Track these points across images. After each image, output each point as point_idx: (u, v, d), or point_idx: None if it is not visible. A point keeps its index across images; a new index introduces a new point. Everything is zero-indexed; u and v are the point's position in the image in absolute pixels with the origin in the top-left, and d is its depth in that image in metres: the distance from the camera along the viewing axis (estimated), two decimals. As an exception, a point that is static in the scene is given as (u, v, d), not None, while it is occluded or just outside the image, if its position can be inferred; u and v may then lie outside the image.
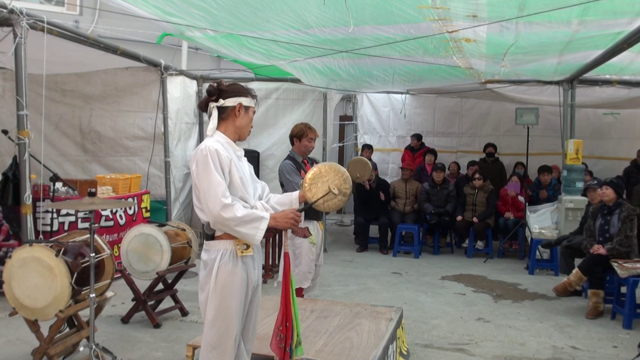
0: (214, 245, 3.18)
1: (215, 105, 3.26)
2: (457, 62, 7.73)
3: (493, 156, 11.13)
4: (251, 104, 3.34)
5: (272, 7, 5.74)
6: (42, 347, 4.55)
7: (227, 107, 3.26)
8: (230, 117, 3.28)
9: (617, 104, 10.44)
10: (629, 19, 5.74)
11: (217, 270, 3.12)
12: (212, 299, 3.14)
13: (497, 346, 5.59)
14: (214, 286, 3.12)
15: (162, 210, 9.43)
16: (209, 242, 3.21)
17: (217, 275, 3.12)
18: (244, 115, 3.30)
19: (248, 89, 3.37)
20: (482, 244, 10.15)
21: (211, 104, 3.28)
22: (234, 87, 3.31)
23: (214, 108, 3.27)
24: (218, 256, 3.14)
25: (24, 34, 5.92)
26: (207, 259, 3.19)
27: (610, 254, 6.63)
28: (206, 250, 3.22)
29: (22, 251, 4.50)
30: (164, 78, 9.26)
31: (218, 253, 3.15)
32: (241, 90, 3.32)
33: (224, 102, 3.24)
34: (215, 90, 3.27)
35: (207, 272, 3.17)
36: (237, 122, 3.29)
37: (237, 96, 3.27)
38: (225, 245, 3.16)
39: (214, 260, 3.14)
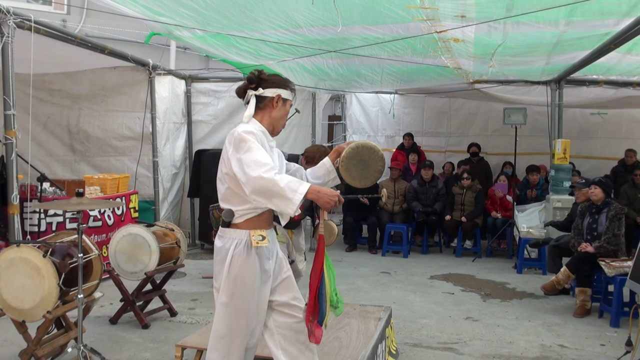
0: (228, 233, 3.15)
1: (254, 94, 3.22)
2: (446, 62, 7.76)
3: (477, 155, 11.18)
4: (289, 97, 3.32)
5: (260, 6, 5.74)
6: (29, 348, 4.51)
7: (265, 96, 3.23)
8: (267, 108, 3.24)
9: (604, 104, 10.53)
10: (616, 19, 5.79)
11: (230, 260, 3.09)
12: (224, 288, 3.12)
13: (485, 345, 5.61)
14: (227, 275, 3.10)
15: (151, 210, 9.39)
16: (225, 229, 3.16)
17: (231, 264, 3.09)
18: (281, 107, 3.27)
19: (288, 81, 3.34)
20: (471, 244, 10.19)
21: (249, 92, 3.24)
22: (274, 78, 3.29)
23: (252, 96, 3.23)
24: (232, 245, 3.11)
25: (11, 33, 5.88)
26: (220, 247, 3.16)
27: (598, 252, 6.67)
28: (220, 237, 3.18)
29: (9, 252, 4.47)
30: (152, 78, 9.22)
31: (232, 242, 3.11)
32: (281, 82, 3.29)
33: (263, 91, 3.21)
34: (256, 78, 3.23)
35: (220, 260, 3.15)
36: (274, 114, 3.25)
37: (277, 87, 3.24)
38: (240, 235, 3.12)
39: (228, 249, 3.11)
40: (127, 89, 9.27)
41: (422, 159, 11.25)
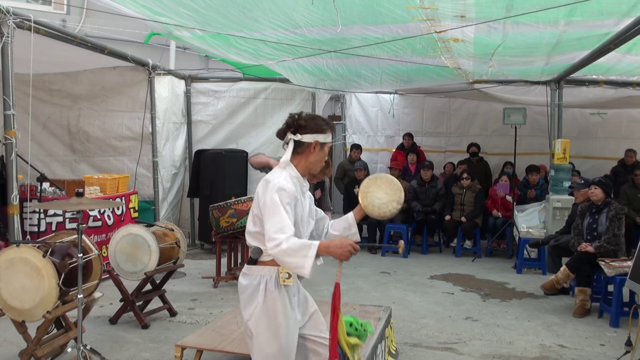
0: (256, 270, 3.15)
1: (292, 139, 3.19)
2: (445, 62, 7.76)
3: (477, 155, 11.18)
4: (328, 139, 3.26)
5: (260, 6, 5.73)
6: (29, 348, 4.51)
7: (303, 142, 3.19)
8: (305, 153, 3.21)
9: (604, 104, 10.52)
10: (616, 19, 5.78)
11: (264, 295, 3.09)
12: (259, 324, 3.11)
13: (485, 345, 5.61)
14: (262, 310, 3.09)
15: (150, 210, 9.40)
16: (251, 267, 3.16)
17: (265, 299, 3.09)
18: (318, 152, 3.23)
19: (327, 123, 3.28)
20: (471, 244, 10.19)
21: (289, 135, 3.21)
22: (312, 123, 3.21)
23: (290, 140, 3.20)
24: (262, 282, 3.10)
25: (10, 33, 5.89)
26: (247, 284, 3.15)
27: (598, 252, 6.67)
28: (246, 275, 3.18)
29: (9, 252, 4.47)
30: (151, 78, 9.23)
31: (262, 279, 3.11)
32: (320, 127, 3.22)
33: (302, 137, 3.17)
34: (294, 123, 3.20)
35: (250, 297, 3.14)
36: (311, 158, 3.22)
37: (315, 132, 3.19)
38: (269, 272, 3.11)
39: (258, 285, 3.11)
40: (126, 89, 9.28)
41: (422, 159, 11.25)
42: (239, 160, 10.15)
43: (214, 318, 5.96)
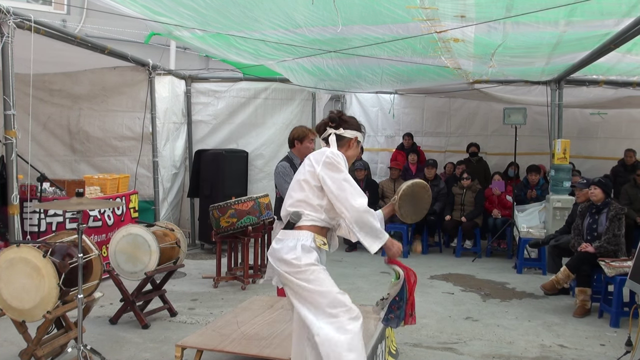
0: (291, 234, 3.31)
1: (334, 132, 3.49)
2: (446, 62, 7.76)
3: (476, 156, 11.18)
4: (362, 139, 3.63)
5: (260, 6, 5.74)
6: (29, 348, 4.51)
7: (344, 137, 3.50)
8: (344, 147, 3.51)
9: (604, 104, 10.52)
10: (616, 19, 5.78)
11: (301, 250, 3.24)
12: (304, 274, 3.25)
13: (485, 345, 5.61)
14: (304, 262, 3.24)
15: (151, 210, 9.40)
16: (287, 231, 3.33)
17: (302, 254, 3.24)
18: (355, 148, 3.57)
19: (361, 125, 3.65)
20: (471, 244, 10.19)
21: (330, 129, 3.51)
22: (353, 121, 3.59)
23: (332, 134, 3.50)
24: (299, 241, 3.26)
25: (10, 33, 5.89)
26: (281, 247, 3.29)
27: (598, 252, 6.67)
28: (279, 240, 3.32)
29: (9, 252, 4.47)
30: (151, 78, 9.23)
31: (298, 241, 3.27)
32: (358, 126, 3.60)
33: (344, 132, 3.50)
34: (338, 118, 3.51)
35: (289, 251, 3.26)
36: (349, 152, 3.52)
37: (355, 130, 3.55)
38: (306, 235, 3.30)
39: (293, 247, 3.25)
40: (127, 89, 9.28)
41: (422, 159, 11.25)
42: (239, 160, 10.15)
43: (214, 318, 5.96)
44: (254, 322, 4.72)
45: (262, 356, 4.09)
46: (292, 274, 3.24)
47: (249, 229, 7.38)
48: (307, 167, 3.38)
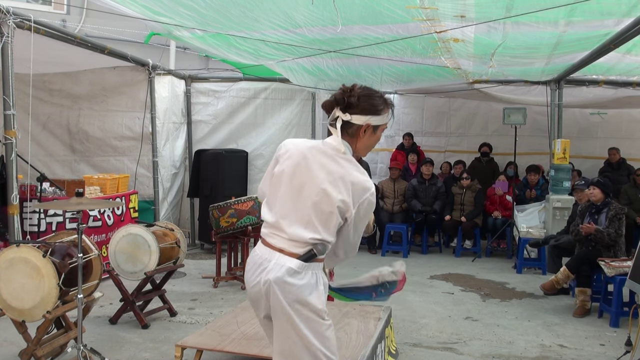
0: (312, 267, 2.69)
1: (342, 118, 2.73)
2: (445, 63, 7.76)
3: (488, 156, 11.16)
4: (383, 121, 2.79)
5: (260, 6, 5.74)
6: (29, 348, 4.51)
7: (353, 124, 2.74)
8: (355, 136, 2.77)
9: (604, 104, 10.52)
10: (616, 19, 5.78)
11: (323, 285, 2.73)
12: (325, 312, 2.73)
13: (485, 345, 5.61)
14: (324, 298, 2.74)
15: (150, 210, 9.40)
16: (307, 264, 2.67)
17: (324, 289, 2.76)
18: (369, 136, 2.79)
19: (385, 101, 2.80)
20: (471, 243, 10.19)
21: (337, 112, 2.75)
22: (366, 103, 2.73)
23: (339, 120, 2.74)
24: (316, 275, 2.70)
25: (10, 33, 5.89)
26: (304, 283, 2.66)
27: (599, 236, 6.66)
28: (297, 273, 2.64)
29: (9, 252, 4.47)
30: (151, 78, 9.23)
31: (315, 275, 2.70)
32: (375, 107, 2.75)
33: (351, 117, 2.72)
34: (343, 100, 2.72)
35: (311, 287, 2.68)
36: (359, 144, 2.79)
37: (368, 114, 2.72)
38: (320, 266, 2.75)
39: (317, 281, 2.70)
40: (126, 89, 9.28)
41: (422, 159, 11.24)
42: (239, 160, 10.15)
43: (214, 318, 5.96)
44: (254, 322, 4.72)
45: (262, 356, 4.09)
46: (313, 322, 2.66)
47: (249, 228, 7.38)
48: (336, 195, 2.65)
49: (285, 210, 2.74)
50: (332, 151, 2.74)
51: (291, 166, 2.75)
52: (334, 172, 2.69)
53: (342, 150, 2.72)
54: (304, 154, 2.76)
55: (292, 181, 2.74)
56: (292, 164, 2.75)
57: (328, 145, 2.76)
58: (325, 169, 2.70)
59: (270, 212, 2.80)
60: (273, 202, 2.80)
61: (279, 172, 2.79)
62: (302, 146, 2.81)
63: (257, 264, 2.74)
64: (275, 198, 2.79)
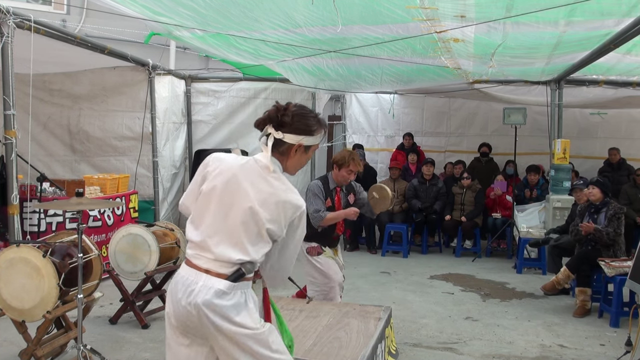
0: (240, 286, 2.67)
1: (274, 136, 2.74)
2: (446, 63, 7.75)
3: (487, 156, 11.15)
4: (315, 142, 2.78)
5: (260, 6, 5.73)
6: (29, 348, 4.51)
7: (285, 142, 2.73)
8: (285, 154, 2.77)
9: (604, 104, 10.52)
10: (616, 20, 5.78)
11: (250, 299, 2.72)
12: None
13: (485, 345, 5.61)
14: (255, 311, 2.73)
15: (150, 210, 9.40)
16: (235, 284, 2.64)
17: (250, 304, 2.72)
18: (300, 156, 2.78)
19: (319, 121, 2.79)
20: (471, 243, 10.19)
21: (269, 129, 2.78)
22: (299, 123, 2.72)
23: (271, 137, 2.76)
24: (248, 294, 2.73)
25: (10, 33, 5.89)
26: (234, 303, 2.64)
27: (599, 235, 6.66)
28: (225, 294, 2.61)
29: (9, 252, 4.47)
30: (151, 78, 9.23)
31: (247, 293, 2.72)
32: (308, 127, 2.74)
33: (284, 136, 2.72)
34: (277, 118, 2.74)
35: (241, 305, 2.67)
36: (289, 162, 2.79)
37: (300, 134, 2.72)
38: (249, 284, 2.77)
39: (245, 302, 2.69)
40: (127, 89, 9.28)
41: (422, 159, 11.24)
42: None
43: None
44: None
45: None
46: (249, 337, 2.63)
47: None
48: (265, 217, 2.62)
49: (212, 229, 2.67)
50: (263, 169, 2.72)
51: (221, 183, 2.69)
52: (263, 191, 2.66)
53: (271, 169, 2.71)
54: (234, 172, 2.71)
55: (221, 199, 2.67)
56: (222, 181, 2.70)
57: (259, 163, 2.75)
58: (256, 187, 2.67)
59: (196, 231, 2.72)
60: (200, 221, 2.72)
61: (208, 189, 2.71)
62: (232, 163, 2.77)
63: (184, 286, 2.66)
64: (203, 216, 2.71)
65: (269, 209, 2.64)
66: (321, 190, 5.27)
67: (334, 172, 5.35)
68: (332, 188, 5.37)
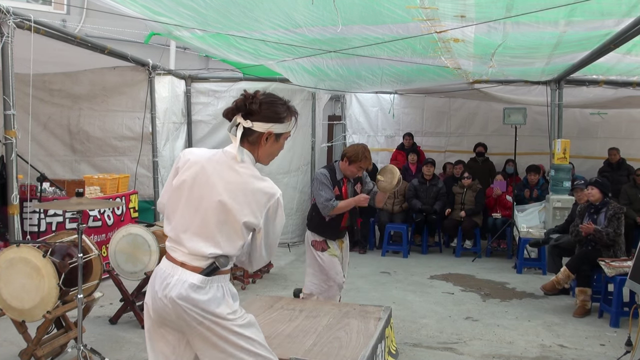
0: (215, 280, 2.68)
1: (242, 125, 2.73)
2: (446, 63, 7.75)
3: (483, 156, 11.17)
4: (286, 129, 2.76)
5: (260, 6, 5.73)
6: (29, 348, 4.52)
7: (254, 131, 2.72)
8: (255, 144, 2.76)
9: (604, 104, 10.53)
10: (616, 20, 5.78)
11: (227, 293, 2.71)
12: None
13: (485, 345, 5.61)
14: (234, 303, 2.72)
15: (150, 210, 9.40)
16: (208, 278, 2.64)
17: (228, 298, 2.71)
18: (271, 144, 2.77)
19: (288, 108, 2.79)
20: (471, 243, 10.19)
21: (238, 118, 2.77)
22: (268, 111, 2.71)
23: (239, 126, 2.75)
24: (225, 287, 2.71)
25: (10, 33, 5.88)
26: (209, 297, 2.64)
27: (598, 235, 6.66)
28: (200, 288, 2.63)
29: (9, 252, 4.47)
30: (151, 78, 9.23)
31: (224, 289, 2.70)
32: (277, 114, 2.72)
33: (252, 125, 2.71)
34: (244, 106, 2.73)
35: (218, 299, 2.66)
36: (260, 152, 2.79)
37: (269, 122, 2.70)
38: (225, 278, 2.73)
39: (222, 297, 2.68)
40: (127, 89, 9.28)
41: (422, 159, 11.24)
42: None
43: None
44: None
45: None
46: (228, 328, 2.63)
47: (249, 229, 7.36)
48: (238, 209, 2.61)
49: (184, 224, 2.67)
50: (231, 160, 2.70)
51: (190, 177, 2.68)
52: (232, 182, 2.65)
53: (239, 159, 2.69)
54: (203, 165, 2.70)
55: (191, 193, 2.67)
56: (191, 175, 2.68)
57: (227, 155, 2.73)
58: (224, 179, 2.65)
59: (169, 226, 2.73)
60: (172, 216, 2.72)
61: (178, 183, 2.71)
62: (201, 156, 2.75)
63: (161, 278, 2.67)
64: (175, 211, 2.71)
65: (239, 200, 2.62)
66: (328, 179, 5.25)
67: (342, 164, 5.33)
68: (340, 179, 5.35)
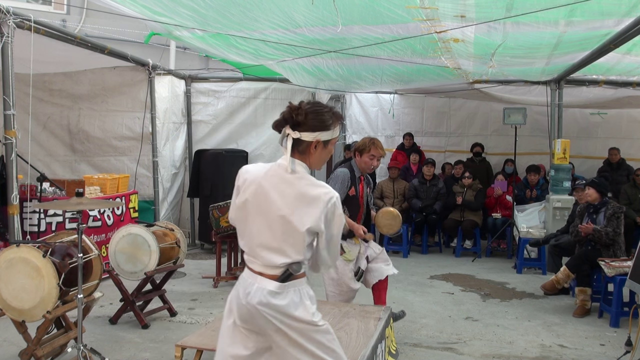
0: (294, 284, 2.80)
1: (291, 136, 2.76)
2: (446, 63, 7.75)
3: (480, 156, 11.18)
4: (332, 135, 2.83)
5: (260, 6, 5.73)
6: (29, 348, 4.52)
7: (303, 140, 2.76)
8: (306, 152, 2.80)
9: (604, 104, 10.52)
10: (616, 20, 5.78)
11: (305, 296, 2.83)
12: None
13: (485, 345, 5.61)
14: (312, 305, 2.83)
15: (150, 210, 9.40)
16: (286, 283, 2.77)
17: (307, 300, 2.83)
18: (320, 152, 2.82)
19: (333, 114, 2.85)
20: (471, 243, 10.18)
21: (286, 130, 2.78)
22: (315, 119, 2.76)
23: (289, 137, 2.77)
24: (302, 292, 2.82)
25: (10, 33, 5.89)
26: (288, 302, 2.77)
27: (598, 235, 6.66)
28: (277, 294, 2.75)
29: (9, 252, 4.47)
30: (151, 78, 9.23)
31: (300, 291, 2.81)
32: (324, 122, 2.78)
33: (300, 135, 2.75)
34: (292, 118, 2.75)
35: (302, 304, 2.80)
36: (312, 159, 2.82)
37: (316, 130, 2.75)
38: (303, 282, 2.85)
39: (298, 291, 2.81)
40: (127, 89, 9.28)
41: (422, 159, 11.25)
42: (239, 160, 10.12)
43: (214, 318, 5.96)
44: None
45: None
46: (307, 332, 2.75)
47: (249, 229, 7.37)
48: (298, 218, 2.70)
49: (253, 240, 2.82)
50: (284, 172, 2.79)
51: (251, 195, 2.80)
52: (289, 195, 2.75)
53: (290, 170, 2.77)
54: (260, 182, 2.80)
55: (254, 211, 2.80)
56: (251, 193, 2.81)
57: (281, 167, 2.81)
58: (281, 193, 2.76)
59: (242, 241, 2.90)
60: (243, 231, 2.88)
61: (241, 203, 2.85)
62: (257, 174, 2.85)
63: (243, 287, 2.83)
64: (244, 228, 2.86)
65: (298, 211, 2.73)
66: (348, 179, 5.20)
67: (356, 159, 5.30)
68: (357, 176, 5.31)
